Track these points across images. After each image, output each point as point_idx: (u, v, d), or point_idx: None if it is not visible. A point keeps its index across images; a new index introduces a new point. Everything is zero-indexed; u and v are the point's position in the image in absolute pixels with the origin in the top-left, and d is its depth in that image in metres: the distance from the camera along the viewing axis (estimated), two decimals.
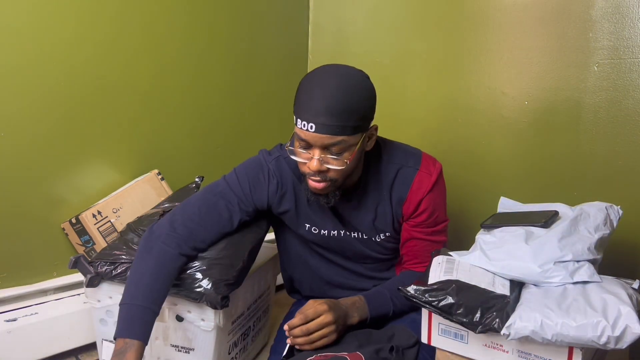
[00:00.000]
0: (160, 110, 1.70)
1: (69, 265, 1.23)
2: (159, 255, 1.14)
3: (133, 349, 1.03)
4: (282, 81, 2.03)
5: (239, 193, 1.24)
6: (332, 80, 1.08)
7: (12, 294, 1.44)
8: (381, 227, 1.27)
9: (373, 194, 1.25)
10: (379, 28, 1.90)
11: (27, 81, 1.42)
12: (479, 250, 1.09)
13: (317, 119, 1.05)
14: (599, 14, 1.42)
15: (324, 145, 1.08)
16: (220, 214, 1.22)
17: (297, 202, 1.26)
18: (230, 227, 1.24)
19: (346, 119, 1.06)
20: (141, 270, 1.12)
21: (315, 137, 1.07)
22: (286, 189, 1.25)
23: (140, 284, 1.10)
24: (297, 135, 1.10)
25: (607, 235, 1.09)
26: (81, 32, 1.49)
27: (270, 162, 1.26)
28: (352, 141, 1.10)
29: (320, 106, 1.06)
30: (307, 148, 1.11)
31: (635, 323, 0.86)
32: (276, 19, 1.98)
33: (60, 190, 1.52)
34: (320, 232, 1.29)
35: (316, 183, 1.13)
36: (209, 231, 1.21)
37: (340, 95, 1.06)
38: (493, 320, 0.93)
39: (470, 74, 1.68)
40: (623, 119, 1.41)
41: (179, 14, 1.69)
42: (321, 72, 1.12)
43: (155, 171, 1.64)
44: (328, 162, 1.10)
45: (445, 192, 1.29)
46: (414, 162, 1.24)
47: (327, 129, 1.06)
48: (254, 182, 1.24)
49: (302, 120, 1.08)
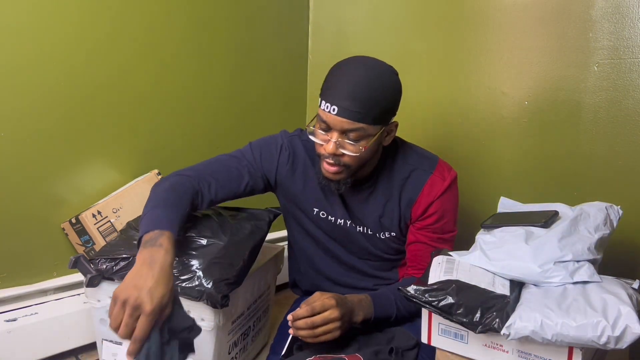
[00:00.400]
0: (160, 110, 1.70)
1: (69, 265, 1.23)
2: (174, 180, 1.18)
3: (164, 236, 1.00)
4: (282, 81, 2.03)
5: (249, 158, 1.27)
6: (361, 69, 1.11)
7: (12, 294, 1.44)
8: (387, 225, 1.28)
9: (383, 191, 1.26)
10: (379, 28, 1.90)
11: (27, 81, 1.42)
12: (479, 250, 1.09)
13: (341, 102, 1.08)
14: (599, 14, 1.42)
15: (343, 129, 1.10)
16: (230, 170, 1.25)
17: (306, 183, 1.29)
18: (237, 186, 1.25)
19: (368, 108, 1.09)
20: (157, 193, 1.15)
21: (335, 120, 1.10)
22: (297, 165, 1.28)
23: (159, 198, 1.12)
24: (319, 117, 1.13)
25: (607, 235, 1.09)
26: (81, 32, 1.49)
27: (285, 137, 1.30)
28: (371, 131, 1.12)
29: (345, 91, 1.09)
30: (326, 130, 1.13)
31: (635, 323, 0.86)
32: (276, 19, 1.98)
33: (60, 190, 1.52)
34: (328, 218, 1.30)
35: (330, 166, 1.16)
36: (220, 183, 1.23)
37: (366, 84, 1.09)
38: (493, 320, 0.93)
39: (470, 74, 1.68)
40: (623, 119, 1.41)
41: (178, 14, 1.69)
42: (352, 60, 1.15)
43: (155, 171, 1.64)
44: (344, 147, 1.12)
45: (456, 201, 1.28)
46: (429, 165, 1.25)
47: (348, 113, 1.08)
48: (266, 152, 1.28)
49: (325, 102, 1.11)
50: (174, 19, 1.68)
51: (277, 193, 1.35)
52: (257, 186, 1.29)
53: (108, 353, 1.29)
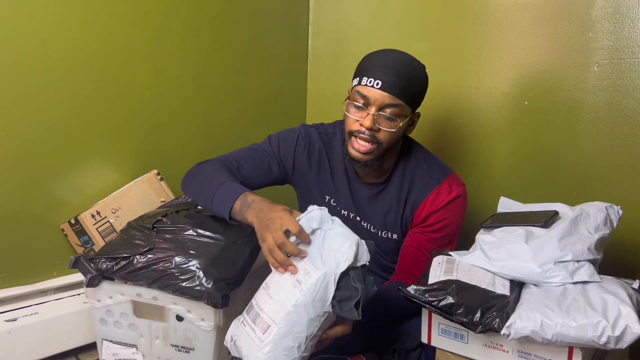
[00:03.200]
0: (160, 111, 1.69)
1: (69, 265, 1.23)
2: (209, 163, 1.24)
3: (247, 196, 1.09)
4: (282, 81, 2.03)
5: (267, 149, 1.33)
6: (401, 54, 1.20)
7: (12, 294, 1.44)
8: (391, 224, 1.29)
9: (392, 191, 1.28)
10: (379, 28, 1.90)
11: (27, 81, 1.41)
12: (479, 250, 1.09)
13: (385, 77, 1.14)
14: (599, 14, 1.42)
15: (383, 104, 1.15)
16: (253, 159, 1.30)
17: (320, 171, 1.33)
18: (261, 173, 1.30)
19: (409, 87, 1.16)
20: (205, 173, 1.21)
21: (378, 93, 1.14)
22: (313, 154, 1.32)
23: (212, 176, 1.18)
24: (358, 93, 1.17)
25: (607, 235, 1.09)
26: (81, 32, 1.49)
27: (303, 129, 1.35)
28: (406, 111, 1.18)
29: (389, 67, 1.15)
30: (364, 107, 1.16)
31: (635, 323, 0.86)
32: (276, 19, 1.98)
33: (60, 191, 1.51)
34: (337, 207, 1.33)
35: (362, 144, 1.18)
36: (245, 169, 1.28)
37: (408, 65, 1.18)
38: (493, 320, 0.94)
39: (470, 74, 1.68)
40: (623, 119, 1.41)
41: (179, 13, 1.69)
42: (387, 49, 1.23)
43: (155, 171, 1.64)
44: (380, 123, 1.16)
45: (460, 216, 1.28)
46: (439, 175, 1.27)
47: (392, 88, 1.14)
48: (283, 141, 1.33)
49: (368, 77, 1.15)
50: (173, 19, 1.68)
51: (294, 183, 1.38)
52: (277, 175, 1.33)
53: (108, 353, 1.29)
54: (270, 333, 0.96)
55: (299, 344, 0.96)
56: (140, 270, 1.19)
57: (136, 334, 1.26)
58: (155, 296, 1.21)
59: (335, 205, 1.33)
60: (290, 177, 1.35)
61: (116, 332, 1.27)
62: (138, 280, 1.20)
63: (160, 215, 1.32)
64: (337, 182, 1.32)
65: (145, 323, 1.25)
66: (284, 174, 1.33)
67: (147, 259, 1.20)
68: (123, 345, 1.28)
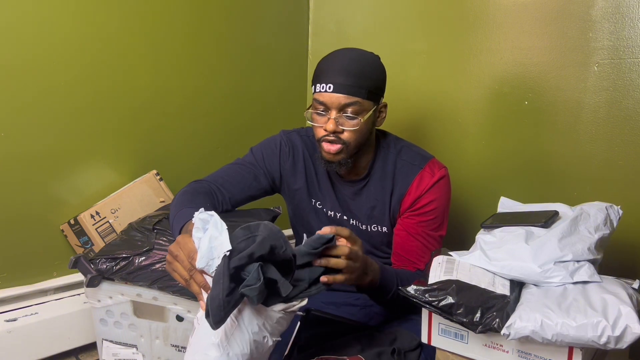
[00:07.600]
0: (159, 111, 1.70)
1: (69, 265, 1.24)
2: (192, 186, 1.25)
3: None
4: (281, 81, 2.03)
5: (251, 161, 1.33)
6: (348, 52, 1.23)
7: (12, 294, 1.44)
8: (378, 217, 1.30)
9: (375, 185, 1.29)
10: (379, 28, 1.90)
11: (28, 82, 1.42)
12: (479, 250, 1.09)
13: (336, 79, 1.16)
14: (599, 14, 1.42)
15: (340, 105, 1.17)
16: (238, 173, 1.31)
17: (307, 176, 1.34)
18: (248, 187, 1.30)
19: (361, 82, 1.17)
20: (179, 197, 1.22)
21: (332, 97, 1.17)
22: (297, 159, 1.33)
23: (182, 200, 1.18)
24: (316, 101, 1.20)
25: (607, 235, 1.09)
26: (81, 33, 1.49)
27: (284, 135, 1.36)
28: (366, 106, 1.19)
29: (338, 69, 1.18)
30: (324, 112, 1.19)
31: (635, 323, 0.86)
32: (276, 19, 1.98)
33: (59, 191, 1.52)
34: (323, 209, 1.34)
35: (330, 146, 1.19)
36: (232, 185, 1.29)
37: (356, 60, 1.19)
38: (493, 320, 0.93)
39: (470, 74, 1.68)
40: (623, 119, 1.41)
41: (179, 14, 1.69)
42: (337, 50, 1.25)
43: (154, 172, 1.64)
44: (343, 124, 1.18)
45: (446, 198, 1.28)
46: (420, 161, 1.28)
47: (344, 88, 1.16)
48: (267, 151, 1.34)
49: (320, 83, 1.18)
50: (173, 20, 1.68)
51: (281, 191, 1.37)
52: (265, 185, 1.33)
53: (108, 353, 1.29)
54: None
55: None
56: (140, 270, 1.19)
57: (136, 334, 1.26)
58: (155, 296, 1.22)
59: (322, 207, 1.34)
60: (277, 186, 1.36)
61: (116, 332, 1.27)
62: (138, 280, 1.20)
63: (161, 216, 1.33)
64: (321, 183, 1.33)
65: (145, 323, 1.25)
66: (271, 182, 1.34)
67: (147, 259, 1.20)
68: (123, 345, 1.28)
